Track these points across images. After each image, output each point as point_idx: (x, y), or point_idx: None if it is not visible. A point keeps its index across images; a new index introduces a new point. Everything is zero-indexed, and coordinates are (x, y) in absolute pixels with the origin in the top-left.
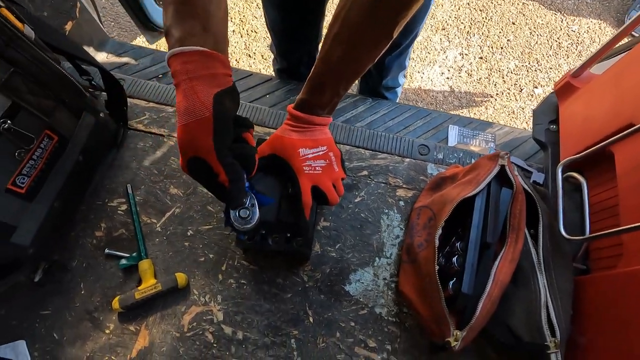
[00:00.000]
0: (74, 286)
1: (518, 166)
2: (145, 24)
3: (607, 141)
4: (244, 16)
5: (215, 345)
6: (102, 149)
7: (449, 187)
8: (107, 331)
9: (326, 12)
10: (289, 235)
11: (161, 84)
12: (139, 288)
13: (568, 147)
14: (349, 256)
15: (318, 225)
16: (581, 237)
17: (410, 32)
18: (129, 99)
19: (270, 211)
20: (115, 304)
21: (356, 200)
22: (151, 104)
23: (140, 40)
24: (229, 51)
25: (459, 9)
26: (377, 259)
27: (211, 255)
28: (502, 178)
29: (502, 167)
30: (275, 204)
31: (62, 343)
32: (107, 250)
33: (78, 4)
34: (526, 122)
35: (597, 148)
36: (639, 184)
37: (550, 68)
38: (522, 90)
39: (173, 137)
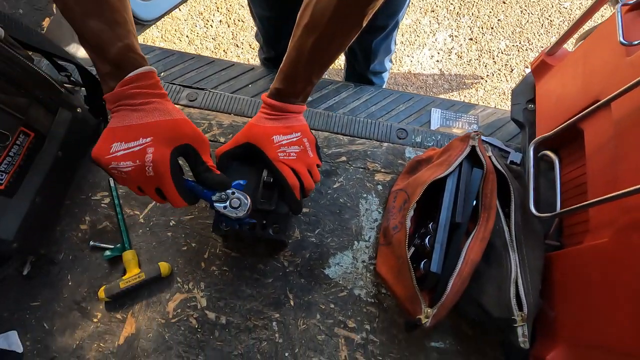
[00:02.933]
0: (62, 278)
1: (496, 146)
2: None
3: (575, 118)
4: (230, 5)
5: (199, 330)
6: (83, 143)
7: (423, 169)
8: (95, 320)
9: None
10: (264, 222)
11: None
12: (124, 278)
13: (543, 126)
14: (328, 241)
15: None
16: (549, 214)
17: (394, 14)
18: None
19: None
20: (101, 293)
21: (335, 186)
22: None
23: None
24: (217, 42)
25: None
26: (356, 242)
27: (193, 244)
28: (474, 159)
29: (473, 147)
30: (252, 192)
31: (52, 332)
32: (92, 243)
33: None
34: None
35: (566, 125)
36: (605, 160)
37: (542, 47)
38: (513, 70)
39: None
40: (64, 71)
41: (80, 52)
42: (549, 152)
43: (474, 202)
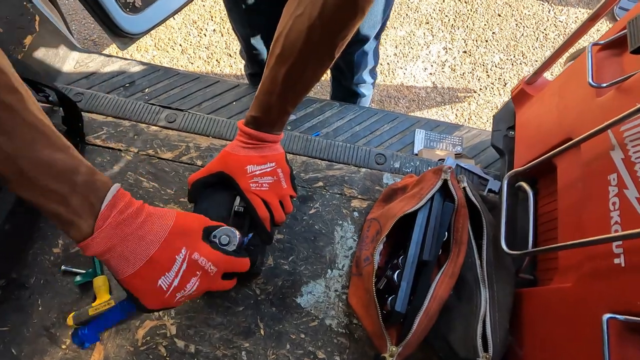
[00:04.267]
0: (32, 303)
1: (475, 174)
2: (114, 31)
3: (549, 154)
4: (224, 15)
5: (168, 358)
6: None
7: (397, 199)
8: (64, 346)
9: None
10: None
11: (119, 97)
12: (93, 305)
13: (521, 155)
14: (302, 268)
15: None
16: (519, 252)
17: (375, 24)
18: (87, 114)
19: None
20: (70, 320)
21: (310, 212)
22: (109, 118)
23: None
24: (210, 51)
25: (443, 1)
26: (329, 270)
27: None
28: (447, 192)
29: (445, 181)
30: (222, 220)
31: (20, 358)
32: (63, 267)
33: (37, 17)
34: None
35: (540, 160)
36: (574, 200)
37: (536, 61)
38: (506, 84)
39: (130, 151)
40: (42, 92)
41: (65, 67)
42: (524, 184)
43: (446, 236)
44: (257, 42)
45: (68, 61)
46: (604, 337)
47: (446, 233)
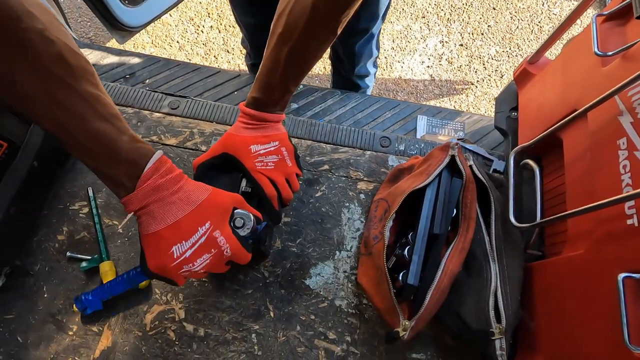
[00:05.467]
0: (37, 290)
1: (479, 155)
2: (112, 24)
3: (554, 127)
4: (221, 11)
5: (177, 342)
6: (61, 153)
7: (405, 177)
8: (71, 333)
9: None
10: None
11: (123, 86)
12: None
13: (525, 134)
14: (310, 250)
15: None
16: (528, 225)
17: (376, 16)
18: None
19: None
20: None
21: (317, 195)
22: None
23: None
24: (208, 47)
25: None
26: (337, 252)
27: None
28: (454, 168)
29: (453, 157)
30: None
31: (26, 346)
32: (69, 254)
33: None
34: None
35: (545, 134)
36: (583, 170)
37: (532, 53)
38: (503, 76)
39: None
40: None
41: None
42: (530, 161)
43: (454, 212)
44: (260, 31)
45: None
46: (620, 296)
47: (454, 210)
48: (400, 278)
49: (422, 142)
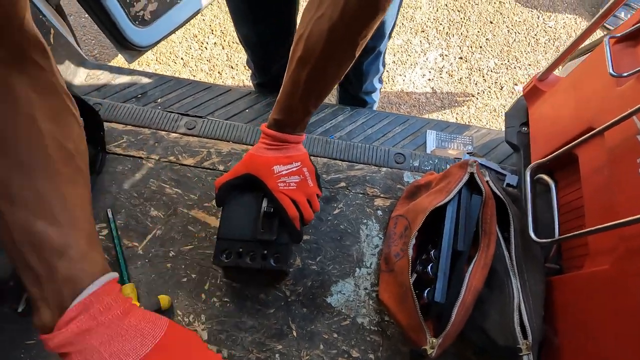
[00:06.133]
0: None
1: (492, 169)
2: (122, 43)
3: (570, 145)
4: (225, 28)
5: None
6: None
7: (423, 195)
8: None
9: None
10: (265, 252)
11: (137, 107)
12: None
13: (538, 150)
14: (330, 268)
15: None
16: (548, 240)
17: (382, 35)
18: (106, 123)
19: (247, 229)
20: None
21: (335, 212)
22: (128, 127)
23: (122, 57)
24: (212, 64)
25: (437, 10)
26: (357, 269)
27: (193, 275)
28: (473, 185)
29: (472, 174)
30: (252, 222)
31: None
32: None
33: (52, 30)
34: None
35: (562, 151)
36: (601, 186)
37: (529, 65)
38: (502, 88)
39: (151, 159)
40: None
41: (76, 80)
42: (544, 176)
43: (474, 229)
44: (264, 50)
45: (79, 74)
46: None
47: (474, 227)
48: (426, 295)
49: (436, 158)
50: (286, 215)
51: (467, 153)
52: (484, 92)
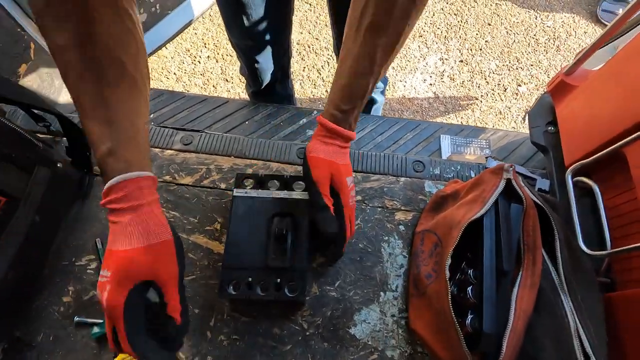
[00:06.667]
0: None
1: (520, 174)
2: None
3: (619, 144)
4: (218, 41)
5: None
6: (64, 202)
7: (451, 206)
8: None
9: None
10: (278, 280)
11: None
12: (116, 359)
13: (572, 150)
14: (351, 294)
15: (313, 263)
16: (605, 252)
17: None
18: None
19: (256, 255)
20: None
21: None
22: None
23: None
24: (206, 77)
25: (433, 15)
26: (382, 293)
27: (197, 311)
28: (510, 193)
29: (508, 180)
30: (259, 246)
31: None
32: (76, 318)
33: (32, 45)
34: (514, 122)
35: (608, 151)
36: None
37: (531, 65)
38: (506, 89)
39: None
40: (42, 121)
41: (61, 98)
42: (586, 179)
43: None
44: (258, 54)
45: (64, 91)
46: None
47: (517, 242)
48: (469, 323)
49: (458, 164)
50: (343, 237)
51: (486, 157)
52: (487, 95)
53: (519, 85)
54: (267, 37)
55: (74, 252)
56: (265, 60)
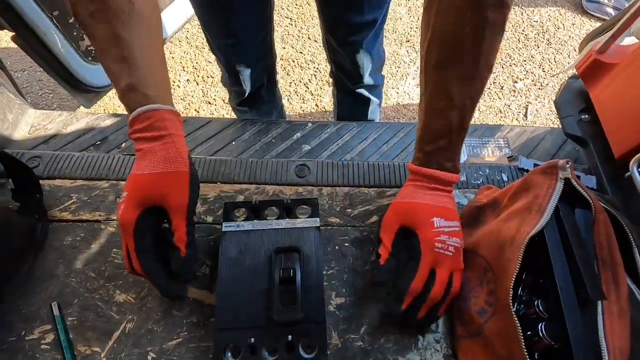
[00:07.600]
0: None
1: None
2: (75, 85)
3: None
4: (197, 63)
5: None
6: (10, 260)
7: (491, 218)
8: None
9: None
10: (290, 338)
11: (91, 154)
12: None
13: (622, 138)
14: (382, 341)
15: (330, 305)
16: None
17: (381, 4)
18: (48, 181)
19: (257, 307)
20: None
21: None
22: (79, 182)
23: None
24: (187, 101)
25: (418, 19)
26: (420, 337)
27: None
28: (570, 196)
29: (567, 180)
30: (261, 297)
31: None
32: None
33: None
34: (516, 119)
35: None
36: None
37: (524, 60)
38: (502, 87)
39: (112, 220)
40: None
41: (17, 133)
42: None
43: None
44: (240, 54)
45: (20, 126)
46: None
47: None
48: None
49: (487, 168)
50: (407, 289)
51: (507, 157)
52: (484, 94)
53: (515, 82)
54: (248, 33)
55: (25, 323)
56: (248, 61)
